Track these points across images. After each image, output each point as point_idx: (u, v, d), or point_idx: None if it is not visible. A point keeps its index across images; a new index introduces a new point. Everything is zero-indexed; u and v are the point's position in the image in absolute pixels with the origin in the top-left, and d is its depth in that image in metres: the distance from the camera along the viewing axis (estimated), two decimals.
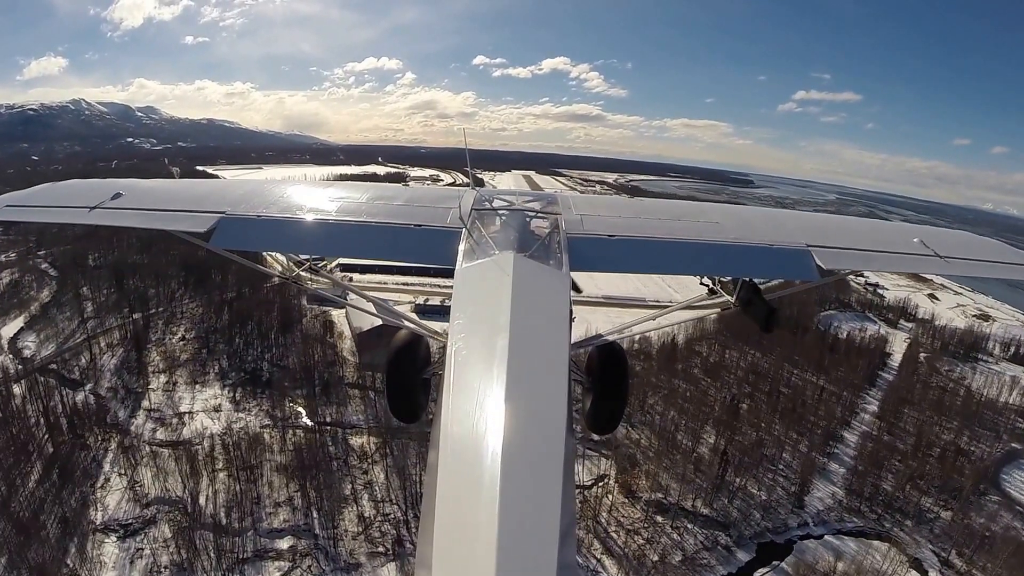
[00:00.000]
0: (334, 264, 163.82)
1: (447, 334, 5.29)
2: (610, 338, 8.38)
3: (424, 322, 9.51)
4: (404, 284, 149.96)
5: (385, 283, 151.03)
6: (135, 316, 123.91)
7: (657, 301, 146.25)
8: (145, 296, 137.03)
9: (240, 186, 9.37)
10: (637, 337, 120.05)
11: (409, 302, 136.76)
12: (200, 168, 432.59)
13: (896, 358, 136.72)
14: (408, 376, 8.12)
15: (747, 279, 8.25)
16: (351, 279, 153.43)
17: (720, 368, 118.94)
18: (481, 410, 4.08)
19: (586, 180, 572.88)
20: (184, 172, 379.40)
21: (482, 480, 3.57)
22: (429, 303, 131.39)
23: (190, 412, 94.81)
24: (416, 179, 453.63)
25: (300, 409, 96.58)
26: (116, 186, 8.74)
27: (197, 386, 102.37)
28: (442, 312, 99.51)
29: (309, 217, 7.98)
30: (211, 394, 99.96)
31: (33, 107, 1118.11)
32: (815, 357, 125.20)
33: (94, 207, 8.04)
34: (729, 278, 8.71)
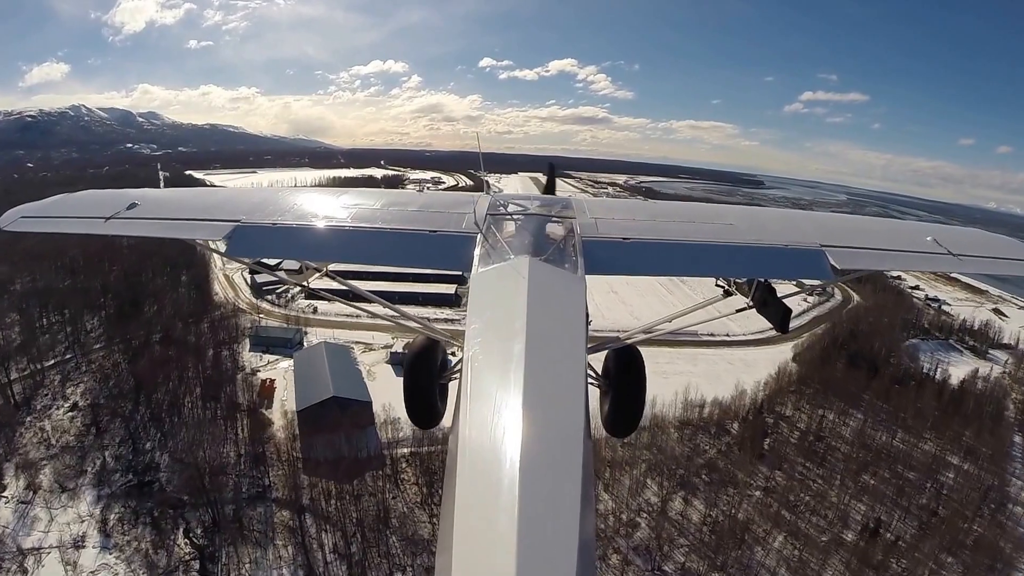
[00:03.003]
0: (296, 289, 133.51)
1: (464, 340, 5.13)
2: (627, 340, 7.93)
3: (439, 328, 8.51)
4: (382, 316, 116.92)
5: (358, 316, 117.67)
6: (14, 376, 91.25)
7: (712, 334, 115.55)
8: (53, 338, 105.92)
9: (255, 194, 9.32)
10: (707, 401, 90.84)
11: (385, 347, 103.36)
12: (188, 173, 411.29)
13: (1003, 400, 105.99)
14: (425, 382, 7.36)
15: (762, 280, 7.82)
16: (314, 310, 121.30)
17: (820, 442, 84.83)
18: (499, 415, 3.97)
19: (596, 182, 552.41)
20: (175, 177, 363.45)
21: (501, 485, 3.49)
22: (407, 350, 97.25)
23: (38, 549, 61.63)
24: (415, 181, 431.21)
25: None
26: (131, 196, 8.35)
27: (64, 496, 68.80)
28: None
29: (324, 224, 7.64)
30: (77, 514, 66.23)
31: (32, 113, 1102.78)
32: (924, 409, 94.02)
33: (109, 217, 7.76)
34: (744, 279, 8.14)
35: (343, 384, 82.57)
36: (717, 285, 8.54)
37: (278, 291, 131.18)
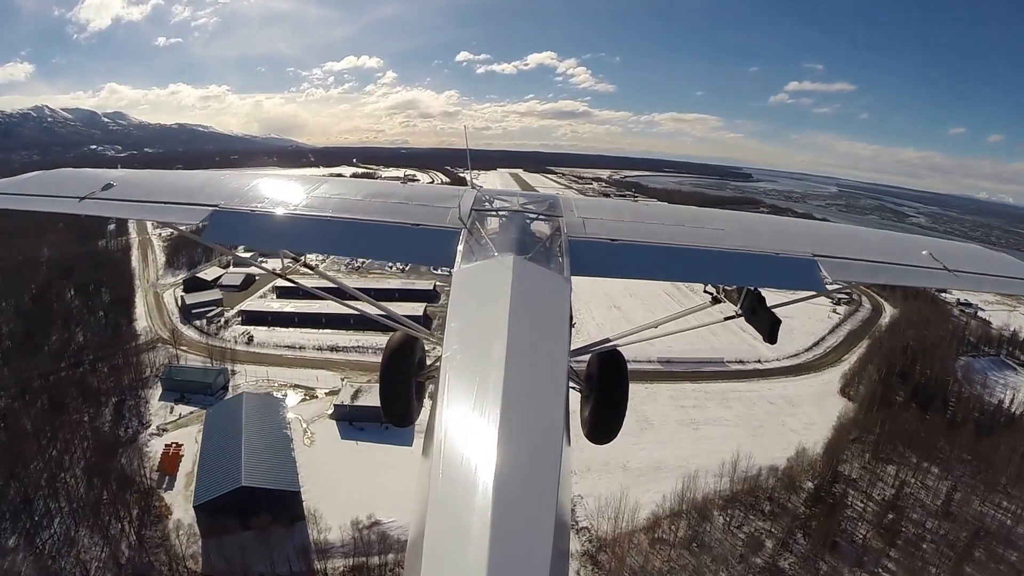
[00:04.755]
0: (232, 312, 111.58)
1: (443, 337, 5.02)
2: (610, 344, 7.40)
3: (418, 325, 8.11)
4: (332, 347, 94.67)
5: (302, 347, 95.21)
6: None
7: (741, 362, 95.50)
8: None
9: (235, 179, 8.65)
10: (757, 466, 69.48)
11: (330, 392, 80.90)
12: None
13: None
14: (402, 380, 7.19)
15: (752, 288, 7.56)
16: (250, 339, 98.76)
17: (903, 518, 64.17)
18: (476, 417, 3.87)
19: (580, 177, 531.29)
20: None
21: (475, 489, 3.40)
22: (357, 401, 75.19)
23: None
24: (388, 180, 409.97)
25: None
26: (107, 176, 8.22)
27: None
28: (372, 419, 70.86)
29: (303, 213, 7.37)
30: None
31: None
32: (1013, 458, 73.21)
33: (84, 197, 7.56)
34: (733, 286, 7.94)
35: (261, 463, 60.27)
36: (706, 291, 8.32)
37: (209, 315, 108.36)
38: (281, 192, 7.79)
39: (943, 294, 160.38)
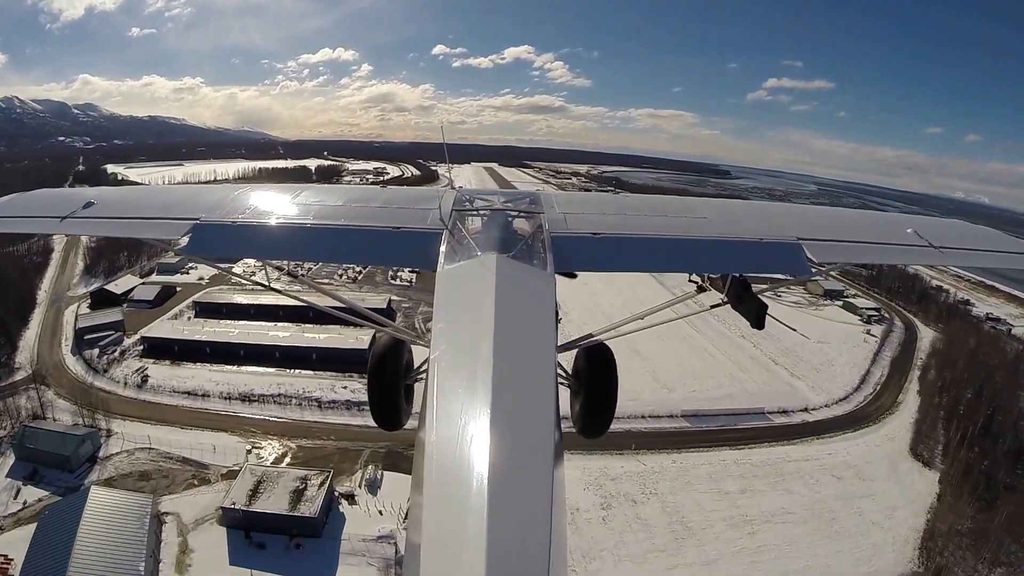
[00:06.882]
0: (134, 339, 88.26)
1: (430, 339, 5.00)
2: (598, 338, 7.50)
3: (403, 327, 8.65)
4: (244, 395, 72.14)
5: (206, 395, 72.50)
6: None
7: (785, 411, 76.40)
8: None
9: (215, 192, 8.60)
10: None
11: (228, 473, 58.19)
12: (105, 167, 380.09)
13: None
14: (390, 383, 7.14)
15: (737, 275, 7.50)
16: (144, 379, 75.79)
17: None
18: (466, 417, 3.85)
19: (558, 172, 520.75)
20: (91, 170, 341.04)
21: (470, 488, 3.39)
22: (257, 503, 52.03)
23: None
24: (354, 172, 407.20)
25: None
26: (87, 195, 8.10)
27: None
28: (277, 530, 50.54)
29: (285, 222, 7.28)
30: None
31: None
32: None
33: (65, 217, 7.50)
34: (718, 275, 7.87)
35: None
36: (691, 281, 8.25)
37: (103, 342, 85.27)
38: (262, 202, 7.65)
39: (968, 306, 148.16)
